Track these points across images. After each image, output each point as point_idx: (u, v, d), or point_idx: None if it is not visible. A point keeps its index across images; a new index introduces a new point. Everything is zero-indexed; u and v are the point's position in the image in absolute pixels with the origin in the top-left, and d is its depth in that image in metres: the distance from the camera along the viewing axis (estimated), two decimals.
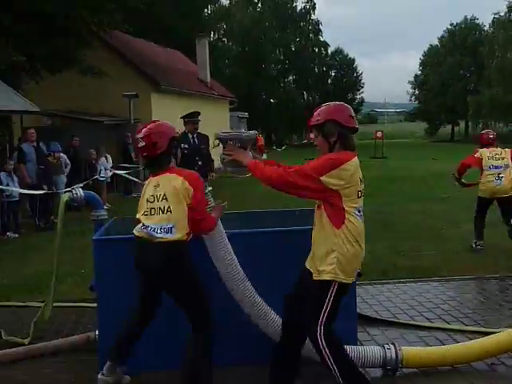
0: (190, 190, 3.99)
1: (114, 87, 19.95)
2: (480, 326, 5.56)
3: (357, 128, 4.01)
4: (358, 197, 3.82)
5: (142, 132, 4.16)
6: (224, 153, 4.13)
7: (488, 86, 55.77)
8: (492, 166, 9.00)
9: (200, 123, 9.31)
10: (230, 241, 4.39)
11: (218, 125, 28.50)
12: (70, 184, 12.36)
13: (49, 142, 14.60)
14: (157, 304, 4.26)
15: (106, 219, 5.49)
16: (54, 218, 11.64)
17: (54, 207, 11.42)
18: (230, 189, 15.50)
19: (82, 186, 6.06)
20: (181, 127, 8.81)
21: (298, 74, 62.25)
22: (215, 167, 10.30)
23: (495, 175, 8.90)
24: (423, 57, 73.09)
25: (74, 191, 5.42)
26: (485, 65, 58.14)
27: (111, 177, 16.55)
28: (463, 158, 9.58)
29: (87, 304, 6.14)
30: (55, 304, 5.60)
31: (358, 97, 70.58)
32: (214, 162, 9.69)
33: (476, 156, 9.29)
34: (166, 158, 4.19)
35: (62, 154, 14.70)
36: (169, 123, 4.36)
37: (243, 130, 4.23)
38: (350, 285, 3.91)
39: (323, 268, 3.78)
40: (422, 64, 73.06)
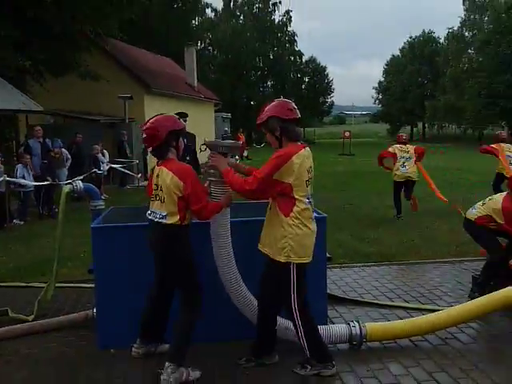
0: (180, 184, 3.91)
1: (111, 90, 19.83)
2: (434, 305, 5.60)
3: (297, 118, 3.99)
4: (307, 186, 3.88)
5: (146, 125, 4.12)
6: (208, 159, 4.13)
7: (443, 92, 56.22)
8: (401, 157, 11.06)
9: (188, 123, 9.24)
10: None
11: (204, 124, 28.61)
12: (71, 176, 12.27)
13: (52, 138, 14.58)
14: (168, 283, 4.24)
15: (103, 209, 5.47)
16: (55, 208, 11.54)
17: (55, 197, 11.31)
18: None
19: (81, 178, 6.04)
20: None
21: (275, 79, 62.25)
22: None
23: (401, 164, 10.97)
24: (386, 65, 73.29)
25: (74, 183, 5.42)
26: (440, 73, 58.58)
27: (108, 170, 16.51)
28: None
29: (86, 285, 6.09)
30: (57, 285, 5.61)
31: (328, 100, 70.62)
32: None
33: (389, 150, 11.36)
34: (164, 149, 4.10)
35: (64, 150, 14.62)
36: (173, 117, 4.24)
37: (229, 140, 4.20)
38: (308, 264, 3.96)
39: (278, 252, 3.88)
40: (385, 72, 73.29)
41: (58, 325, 5.09)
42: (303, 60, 65.48)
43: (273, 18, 61.13)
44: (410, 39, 69.79)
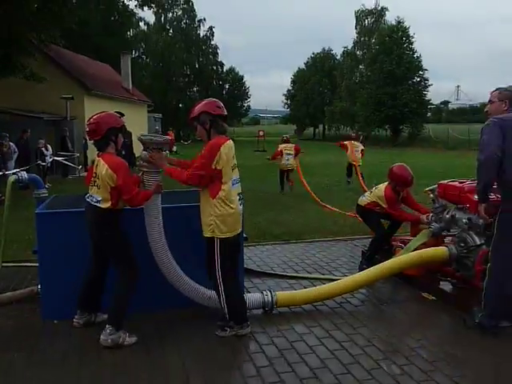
0: (114, 176, 3.85)
1: (54, 90, 19.40)
2: (332, 275, 5.74)
3: (225, 115, 4.06)
4: (232, 170, 3.95)
5: (90, 120, 4.03)
6: (144, 157, 4.05)
7: (339, 100, 57.64)
8: (286, 154, 13.16)
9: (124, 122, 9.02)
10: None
11: (139, 123, 28.06)
12: (20, 167, 11.69)
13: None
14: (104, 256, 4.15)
15: (47, 196, 5.25)
16: (2, 196, 10.92)
17: (2, 187, 10.70)
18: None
19: (26, 169, 5.79)
20: None
21: (200, 85, 61.68)
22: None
23: (286, 158, 13.10)
24: (294, 76, 74.12)
25: (19, 174, 5.18)
26: (337, 84, 59.93)
27: (51, 162, 16.02)
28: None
29: (31, 264, 5.80)
30: (4, 264, 5.30)
31: (245, 105, 70.94)
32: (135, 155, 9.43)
33: (279, 149, 13.29)
34: (104, 143, 4.03)
35: (11, 144, 13.91)
36: (115, 115, 4.20)
37: (160, 134, 4.17)
38: (231, 238, 3.96)
39: (205, 229, 3.93)
40: (292, 82, 74.15)
41: (7, 300, 4.83)
42: (224, 69, 65.39)
43: (198, 32, 60.57)
44: (312, 55, 70.97)
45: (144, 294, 4.27)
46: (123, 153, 8.27)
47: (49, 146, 16.47)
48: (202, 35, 60.89)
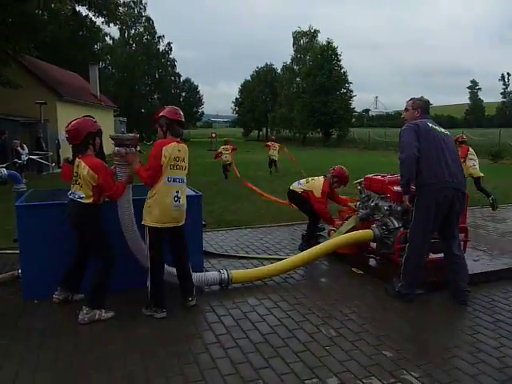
0: (95, 176, 3.74)
1: (29, 96, 18.57)
2: (278, 255, 5.76)
3: (181, 120, 3.99)
4: (171, 169, 3.81)
5: (68, 126, 3.83)
6: (118, 152, 3.93)
7: (279, 107, 58.03)
8: (224, 153, 14.58)
9: None
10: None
11: (106, 126, 27.01)
12: None
13: None
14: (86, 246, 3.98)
15: (25, 191, 4.98)
16: None
17: None
18: None
19: (4, 166, 5.47)
20: None
21: (160, 93, 60.44)
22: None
23: (224, 156, 14.62)
24: (241, 86, 73.94)
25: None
26: (278, 94, 60.28)
27: (27, 160, 15.30)
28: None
29: (11, 251, 5.49)
30: None
31: (200, 110, 70.21)
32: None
33: (219, 151, 14.44)
34: (83, 147, 3.84)
35: None
36: (91, 120, 3.93)
37: (127, 134, 4.05)
38: (159, 229, 3.84)
39: (143, 216, 3.88)
40: (240, 91, 73.88)
41: None
42: (181, 80, 64.43)
43: (158, 47, 59.20)
44: (257, 69, 71.06)
45: (119, 275, 4.13)
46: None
47: (25, 146, 15.80)
48: (161, 50, 59.62)
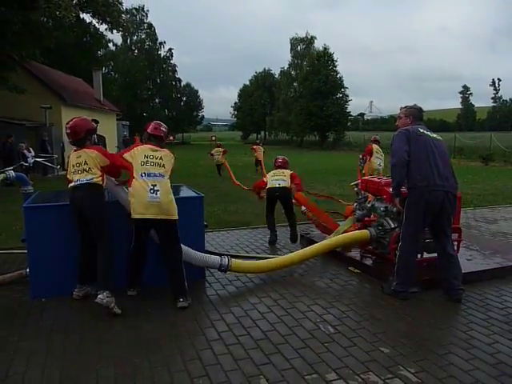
0: (104, 157, 4.06)
1: (35, 101, 18.72)
2: (277, 255, 5.75)
3: (155, 135, 4.23)
4: (142, 165, 4.01)
5: (69, 124, 4.12)
6: None
7: (277, 110, 58.20)
8: (216, 154, 16.33)
9: (98, 127, 8.77)
10: None
11: (109, 129, 27.29)
12: (5, 167, 11.17)
13: None
14: (91, 236, 4.05)
15: (32, 192, 5.03)
16: None
17: None
18: None
19: (12, 169, 5.51)
20: None
21: (161, 98, 60.57)
22: None
23: (215, 157, 16.32)
24: (240, 91, 74.20)
25: (7, 172, 4.94)
26: (275, 98, 60.50)
27: (33, 163, 15.33)
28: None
29: (19, 251, 5.52)
30: None
31: (200, 114, 70.25)
32: None
33: (212, 152, 16.42)
34: (83, 141, 4.13)
35: None
36: (88, 119, 4.32)
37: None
38: (139, 220, 3.98)
39: None
40: (239, 95, 74.05)
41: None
42: (181, 84, 64.50)
43: (159, 53, 59.48)
44: (255, 74, 71.31)
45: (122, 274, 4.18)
46: None
47: (31, 149, 15.93)
48: (162, 55, 59.85)
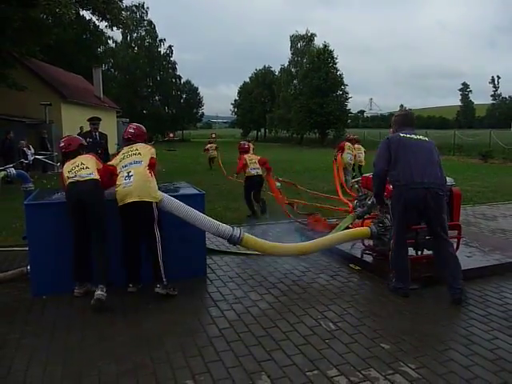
0: (97, 160, 4.36)
1: (34, 98, 18.68)
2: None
3: (123, 138, 4.54)
4: (121, 160, 4.26)
5: (63, 140, 4.43)
6: None
7: (277, 108, 58.04)
8: (210, 149, 18.08)
9: (100, 125, 8.79)
10: None
11: (109, 127, 27.14)
12: (5, 165, 11.15)
13: None
14: (88, 231, 4.09)
15: (33, 189, 5.00)
16: None
17: None
18: None
19: (12, 166, 5.52)
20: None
21: (161, 95, 60.37)
22: None
23: (210, 151, 17.98)
24: (240, 88, 73.88)
25: (8, 170, 4.92)
26: (275, 95, 60.32)
27: (33, 160, 15.33)
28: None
29: (19, 248, 5.52)
30: None
31: (200, 111, 70.01)
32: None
33: (206, 147, 17.78)
34: (74, 154, 4.31)
35: None
36: (78, 138, 4.59)
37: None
38: (122, 207, 4.08)
39: None
40: (239, 93, 73.77)
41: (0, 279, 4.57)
42: (181, 82, 64.29)
43: (159, 50, 59.19)
44: (255, 71, 71.10)
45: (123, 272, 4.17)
46: (99, 151, 7.98)
47: (31, 146, 15.92)
48: (162, 52, 59.58)
